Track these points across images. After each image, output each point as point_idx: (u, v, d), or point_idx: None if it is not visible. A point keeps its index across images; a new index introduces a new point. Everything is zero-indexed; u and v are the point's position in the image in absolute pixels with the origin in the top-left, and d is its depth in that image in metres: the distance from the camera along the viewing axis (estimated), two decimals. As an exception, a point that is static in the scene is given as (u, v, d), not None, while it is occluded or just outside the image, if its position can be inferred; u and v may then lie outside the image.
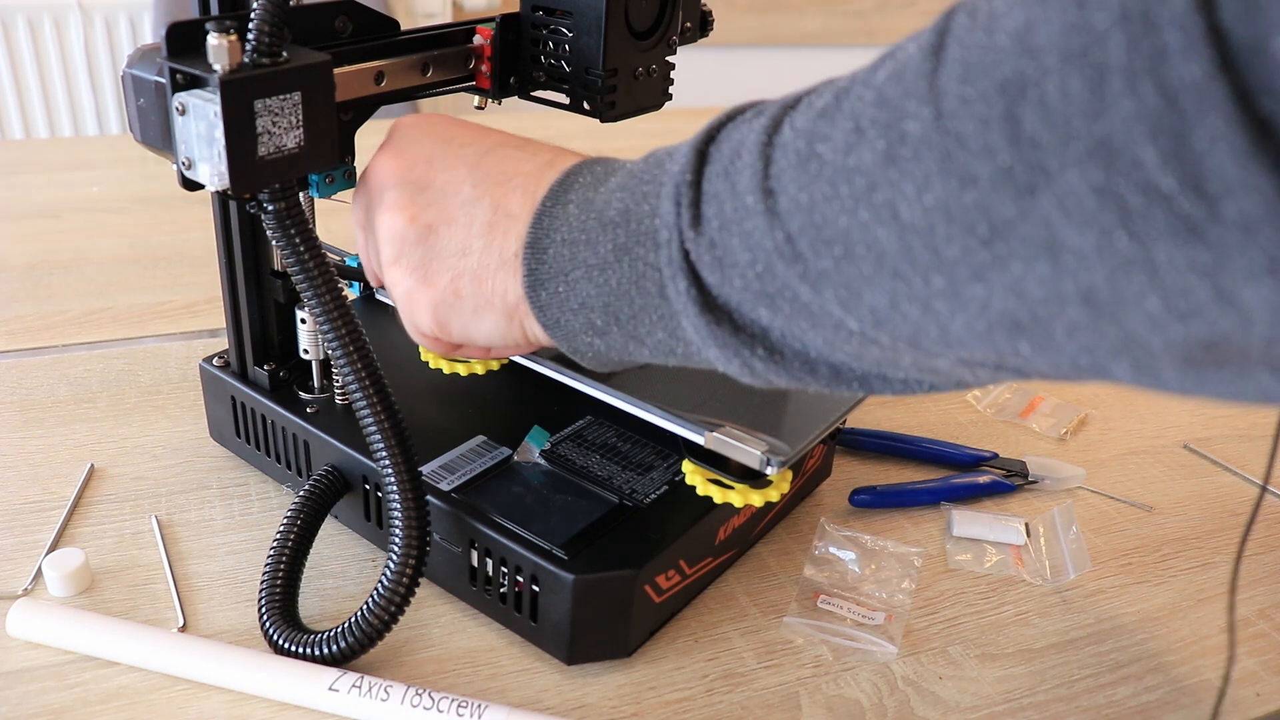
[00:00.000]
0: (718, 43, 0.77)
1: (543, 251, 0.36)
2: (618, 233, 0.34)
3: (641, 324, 0.34)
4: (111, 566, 0.51)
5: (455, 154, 0.40)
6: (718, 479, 0.46)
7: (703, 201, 0.32)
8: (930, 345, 0.28)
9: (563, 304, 0.36)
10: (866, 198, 0.27)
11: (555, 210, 0.36)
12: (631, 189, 0.34)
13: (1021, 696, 0.47)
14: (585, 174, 0.37)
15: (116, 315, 0.75)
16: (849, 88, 0.29)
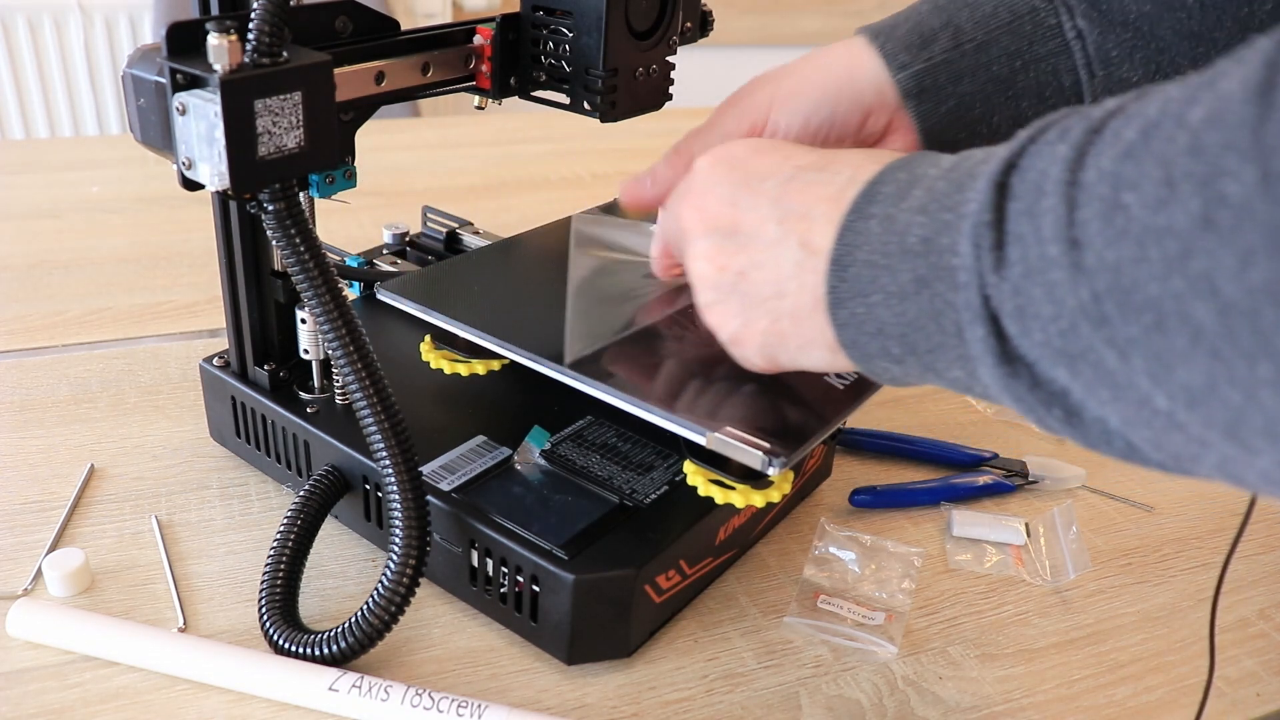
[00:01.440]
0: (718, 43, 0.76)
1: (844, 269, 0.35)
2: (917, 263, 0.32)
3: (939, 359, 0.33)
4: (111, 566, 0.51)
5: (756, 191, 0.39)
6: (719, 479, 0.46)
7: (1006, 243, 0.29)
8: (1251, 438, 0.25)
9: (860, 326, 0.35)
10: (1180, 265, 0.24)
11: (858, 225, 0.35)
12: (933, 214, 0.32)
13: (1021, 696, 0.47)
14: (889, 183, 0.35)
15: (116, 315, 0.75)
16: (1158, 122, 0.26)
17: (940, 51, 0.51)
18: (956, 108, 0.52)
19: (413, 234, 0.73)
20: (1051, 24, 0.51)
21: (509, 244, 0.63)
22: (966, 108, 0.52)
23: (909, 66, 0.51)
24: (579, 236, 0.59)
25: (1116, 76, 0.52)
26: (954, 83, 0.51)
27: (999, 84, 0.52)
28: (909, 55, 0.51)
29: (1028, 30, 0.51)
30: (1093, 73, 0.52)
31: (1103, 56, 0.51)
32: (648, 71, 0.56)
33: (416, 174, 1.06)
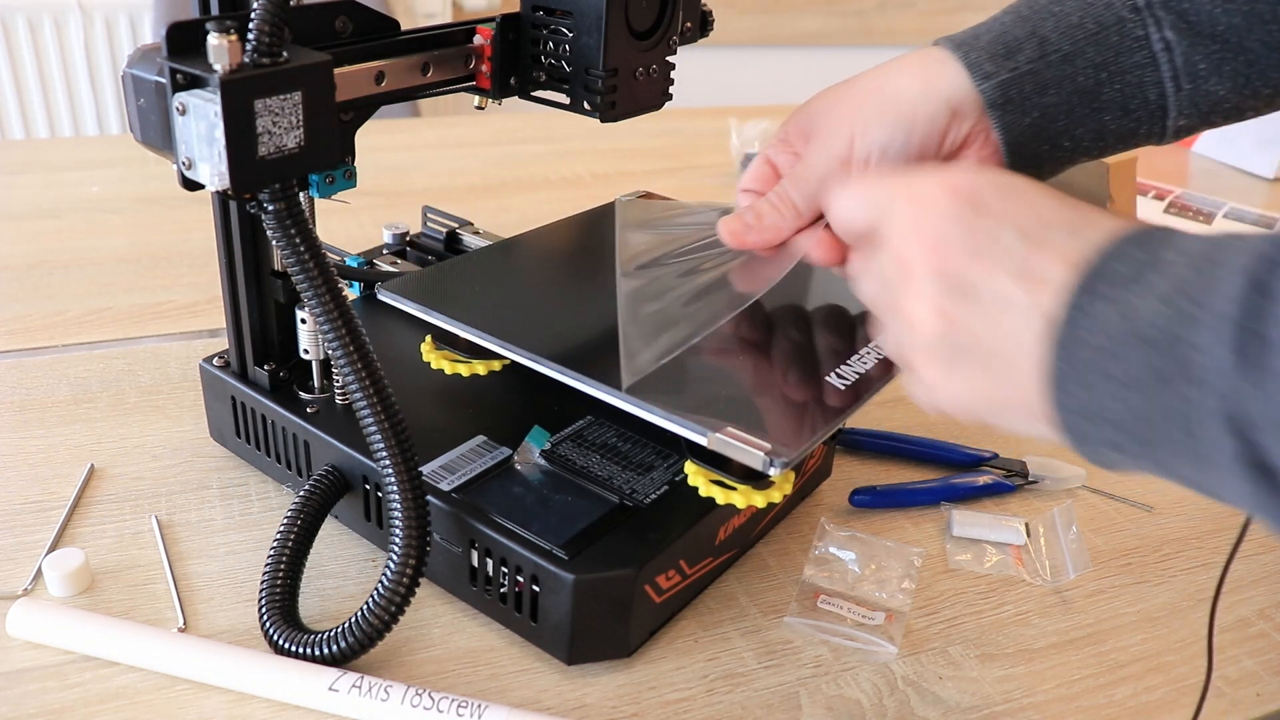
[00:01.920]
0: (718, 43, 0.77)
1: (1071, 351, 0.33)
2: (1152, 355, 0.30)
3: (1167, 455, 0.31)
4: (111, 566, 0.51)
5: (999, 243, 0.36)
6: (720, 480, 0.46)
7: (1269, 353, 0.27)
8: None
9: (1083, 412, 0.33)
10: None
11: (1089, 305, 0.33)
12: (1175, 304, 0.30)
13: (1021, 696, 0.47)
14: (1124, 260, 0.33)
15: (116, 315, 0.75)
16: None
17: (1025, 62, 0.50)
18: (1040, 119, 0.51)
19: (413, 234, 0.73)
20: (1139, 35, 0.50)
21: (510, 244, 0.63)
22: (1050, 119, 0.51)
23: (993, 76, 0.50)
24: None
25: (1203, 90, 0.51)
26: (1039, 93, 0.51)
27: (1084, 96, 0.51)
28: (993, 65, 0.50)
29: (1114, 41, 0.50)
30: (1179, 85, 0.51)
31: (1190, 69, 0.50)
32: (648, 71, 0.56)
33: (416, 174, 1.06)
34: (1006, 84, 0.50)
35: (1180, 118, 0.52)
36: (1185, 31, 0.50)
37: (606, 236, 0.66)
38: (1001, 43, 0.50)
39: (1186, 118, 0.52)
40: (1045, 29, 0.51)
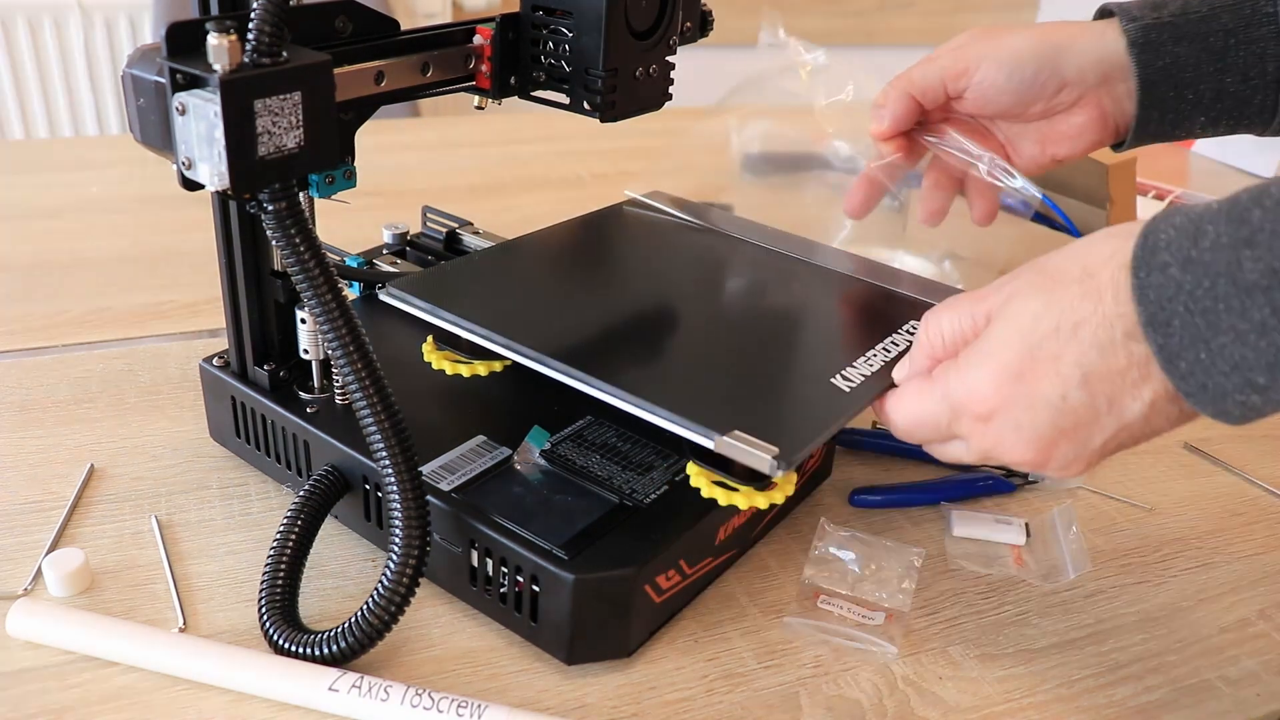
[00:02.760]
0: (718, 43, 0.77)
1: (1165, 326, 0.36)
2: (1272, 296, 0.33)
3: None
4: (111, 566, 0.51)
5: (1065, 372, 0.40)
6: (722, 481, 0.46)
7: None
8: None
9: (1209, 369, 0.35)
10: None
11: (1151, 283, 0.36)
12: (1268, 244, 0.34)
13: (1021, 696, 0.47)
14: (1164, 230, 0.37)
15: (116, 315, 0.75)
16: None
17: (1169, 15, 0.57)
18: (1172, 65, 0.58)
19: (413, 234, 0.73)
20: (1268, 11, 0.56)
21: (512, 244, 0.63)
22: (1180, 68, 0.58)
23: (1139, 20, 0.57)
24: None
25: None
26: (1174, 43, 0.57)
27: (1212, 55, 0.58)
28: (1140, 12, 0.58)
29: (1247, 13, 0.57)
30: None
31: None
32: (648, 71, 0.56)
33: (416, 174, 1.06)
34: (1148, 28, 0.57)
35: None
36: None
37: (609, 238, 0.66)
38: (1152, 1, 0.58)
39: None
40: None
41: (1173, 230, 0.36)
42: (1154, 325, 0.36)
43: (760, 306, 0.60)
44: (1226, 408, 0.36)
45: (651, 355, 0.51)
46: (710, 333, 0.54)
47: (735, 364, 0.51)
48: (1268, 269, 0.33)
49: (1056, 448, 0.41)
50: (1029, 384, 0.40)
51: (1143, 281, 0.36)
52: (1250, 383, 0.34)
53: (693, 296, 0.59)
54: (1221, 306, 0.34)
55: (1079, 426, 0.40)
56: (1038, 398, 0.40)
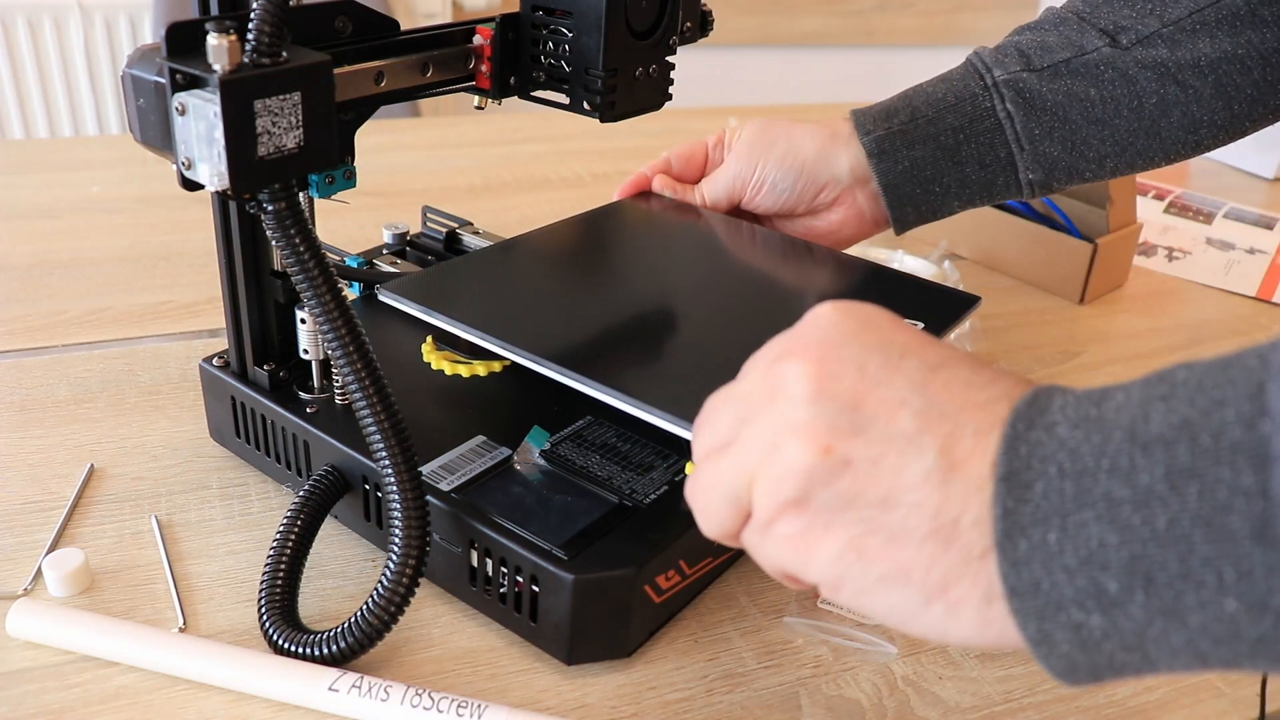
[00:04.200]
0: (718, 43, 0.77)
1: (1026, 487, 0.27)
2: (1174, 452, 0.25)
3: (1193, 588, 0.25)
4: (111, 566, 0.51)
5: (894, 366, 0.31)
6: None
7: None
8: None
9: (1052, 559, 0.26)
10: None
11: (1035, 435, 0.28)
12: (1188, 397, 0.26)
13: (1021, 696, 0.47)
14: (1061, 395, 0.29)
15: (116, 315, 0.75)
16: None
17: (899, 124, 0.66)
18: (911, 168, 0.66)
19: (413, 234, 0.73)
20: (987, 106, 0.65)
21: (510, 244, 0.63)
22: (919, 168, 0.66)
23: (873, 132, 0.66)
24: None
25: (1040, 150, 0.65)
26: (908, 147, 0.65)
27: (946, 151, 0.65)
28: (874, 125, 0.66)
29: (969, 110, 0.65)
30: (1021, 146, 0.65)
31: (1028, 134, 0.64)
32: (647, 71, 0.56)
33: (416, 174, 1.06)
34: (881, 139, 0.65)
35: (1028, 171, 0.66)
36: (1021, 105, 0.64)
37: (608, 237, 0.66)
38: (884, 111, 0.67)
39: (1033, 172, 0.66)
40: (917, 101, 0.66)
41: (1071, 396, 0.29)
42: (1010, 484, 0.27)
43: (760, 301, 0.60)
44: (1053, 629, 0.27)
45: (649, 354, 0.51)
46: (709, 330, 0.54)
47: (734, 362, 0.51)
48: (1180, 421, 0.26)
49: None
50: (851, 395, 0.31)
51: (1018, 434, 0.28)
52: (1097, 590, 0.26)
53: (690, 293, 0.59)
54: (1105, 465, 0.26)
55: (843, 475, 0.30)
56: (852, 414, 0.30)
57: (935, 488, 0.29)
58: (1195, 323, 0.86)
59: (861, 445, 0.30)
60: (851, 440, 0.30)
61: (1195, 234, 1.03)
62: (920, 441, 0.29)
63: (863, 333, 0.32)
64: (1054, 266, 0.86)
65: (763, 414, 0.32)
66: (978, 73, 0.65)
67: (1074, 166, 0.65)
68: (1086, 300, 0.86)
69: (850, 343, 0.32)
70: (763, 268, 0.64)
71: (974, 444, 0.29)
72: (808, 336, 0.33)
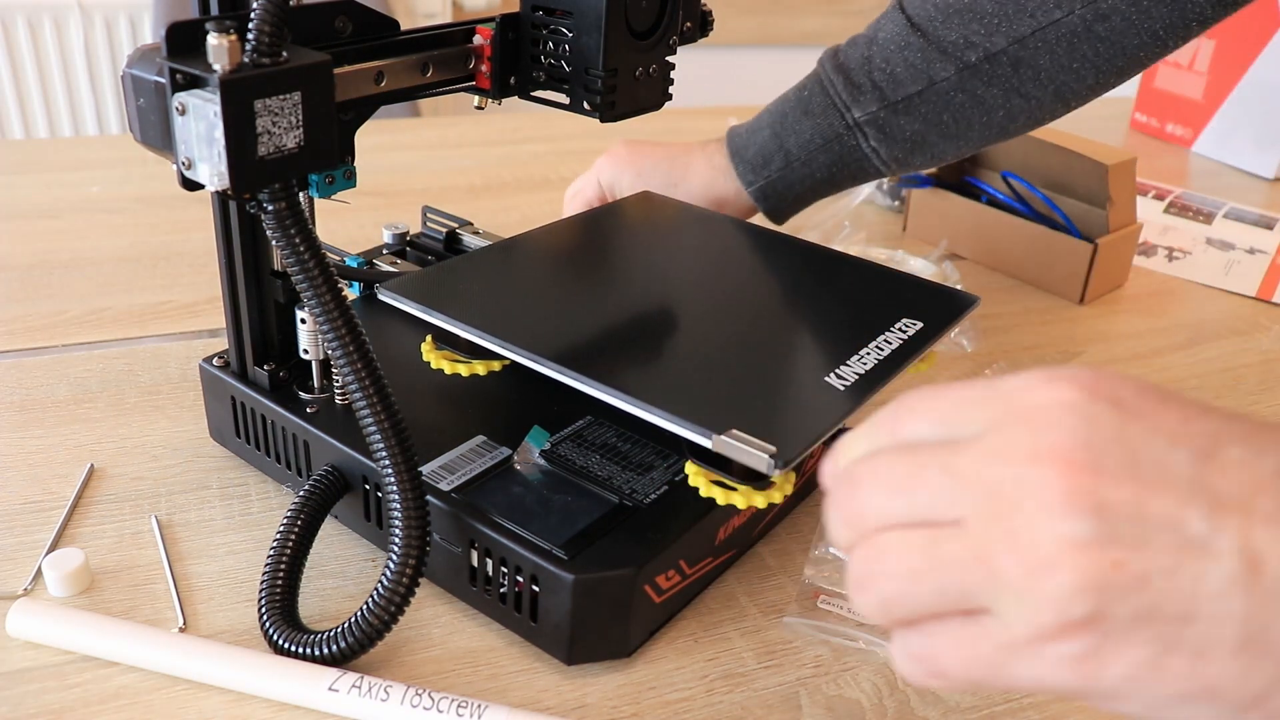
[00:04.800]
0: (718, 43, 0.77)
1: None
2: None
3: None
4: (111, 566, 0.51)
5: (1165, 460, 0.27)
6: (721, 480, 0.46)
7: None
8: None
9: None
10: None
11: None
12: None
13: (1021, 696, 0.47)
14: None
15: (116, 315, 0.75)
16: None
17: (775, 170, 0.74)
18: (795, 200, 0.76)
19: (413, 234, 0.73)
20: (852, 144, 0.72)
21: (510, 244, 0.63)
22: (801, 200, 0.76)
23: (754, 183, 0.75)
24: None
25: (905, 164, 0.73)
26: (789, 188, 0.75)
27: (824, 182, 0.74)
28: (754, 174, 0.75)
29: (837, 149, 0.72)
30: (889, 167, 0.73)
31: (894, 158, 0.72)
32: (647, 71, 0.56)
33: (416, 174, 1.06)
34: (764, 187, 0.75)
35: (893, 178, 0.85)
36: (883, 139, 0.71)
37: (608, 236, 0.66)
38: (761, 156, 0.74)
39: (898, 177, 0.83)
40: (789, 144, 0.73)
41: None
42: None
43: (759, 299, 0.60)
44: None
45: (648, 353, 0.51)
46: (708, 329, 0.54)
47: (734, 361, 0.51)
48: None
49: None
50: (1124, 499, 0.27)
51: None
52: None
53: (690, 292, 0.59)
54: None
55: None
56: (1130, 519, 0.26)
57: (1240, 594, 0.26)
58: (1195, 323, 0.86)
59: (1153, 556, 0.26)
60: (1140, 552, 0.26)
61: (1195, 234, 1.03)
62: (1216, 543, 0.26)
63: (1124, 422, 0.27)
64: (1054, 266, 0.86)
65: (1012, 516, 0.27)
66: (837, 110, 0.71)
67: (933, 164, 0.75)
68: (1086, 300, 0.86)
69: (1117, 441, 0.27)
70: (762, 267, 0.64)
71: (1272, 534, 0.26)
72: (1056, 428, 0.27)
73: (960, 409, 0.30)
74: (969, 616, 0.28)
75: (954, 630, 0.28)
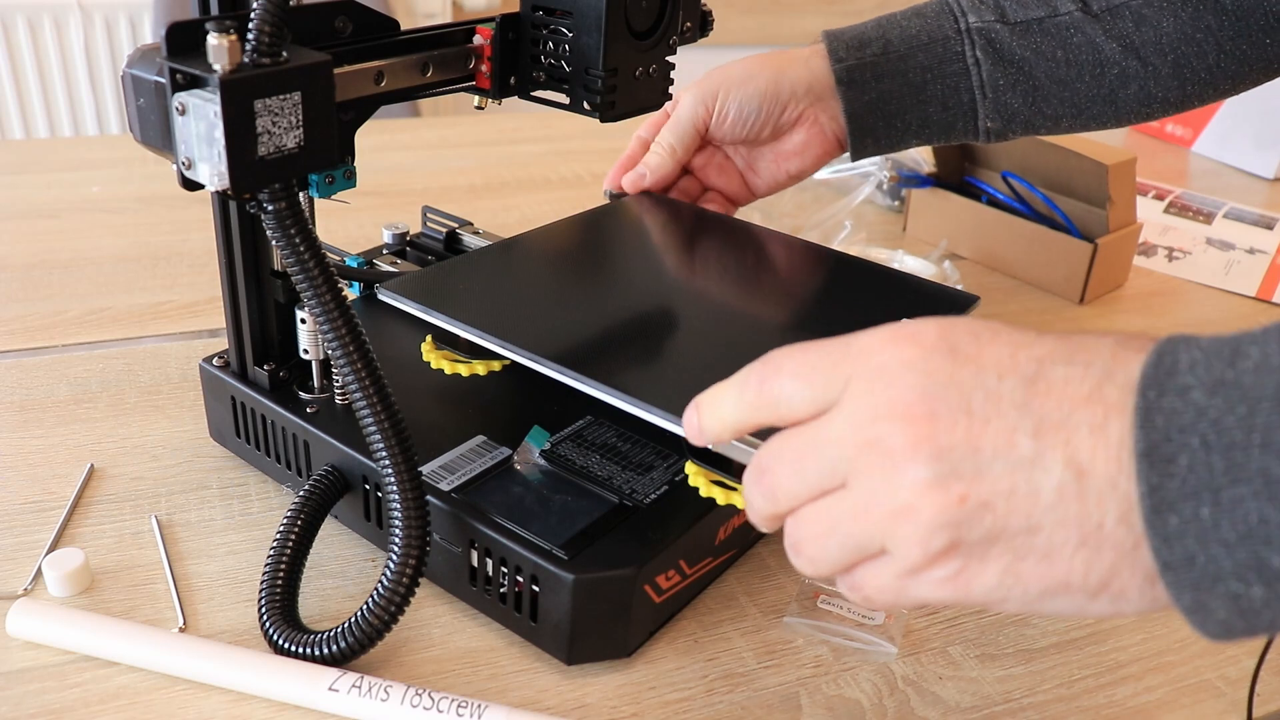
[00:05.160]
0: (718, 43, 0.77)
1: (1169, 461, 0.27)
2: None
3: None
4: (111, 566, 0.51)
5: (995, 394, 0.30)
6: (721, 480, 0.46)
7: None
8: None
9: (1207, 533, 0.26)
10: None
11: (1168, 402, 0.28)
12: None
13: (1021, 696, 0.47)
14: (1187, 350, 0.29)
15: (116, 315, 0.75)
16: None
17: (870, 55, 0.67)
18: (876, 99, 0.67)
19: (413, 234, 0.73)
20: (957, 50, 0.66)
21: (510, 244, 0.63)
22: (885, 101, 0.67)
23: (844, 61, 0.67)
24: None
25: (1002, 100, 0.67)
26: (877, 80, 0.67)
27: (913, 88, 0.67)
28: (845, 53, 0.67)
29: (939, 51, 0.66)
30: (984, 94, 0.67)
31: (993, 83, 0.67)
32: (647, 71, 0.57)
33: (416, 174, 1.06)
34: (852, 68, 0.67)
35: (987, 120, 0.68)
36: (990, 54, 0.66)
37: (608, 236, 0.66)
38: (858, 39, 0.67)
39: (993, 121, 0.68)
40: (892, 34, 0.67)
41: (1199, 351, 0.28)
42: (1152, 459, 0.27)
43: (759, 298, 0.60)
44: (1210, 600, 0.27)
45: (648, 353, 0.51)
46: (708, 329, 0.54)
47: (734, 361, 0.51)
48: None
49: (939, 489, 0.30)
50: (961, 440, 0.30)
51: (1151, 403, 0.28)
52: (1260, 564, 0.26)
53: (690, 292, 0.59)
54: (1257, 440, 0.26)
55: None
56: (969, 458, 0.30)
57: (1072, 500, 0.29)
58: (1195, 323, 0.86)
59: (991, 483, 0.30)
60: (981, 482, 0.30)
61: (1195, 234, 1.03)
62: (1044, 460, 0.29)
63: (955, 367, 0.31)
64: (1054, 266, 0.86)
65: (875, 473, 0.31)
66: (952, 14, 0.67)
67: (1031, 121, 0.68)
68: (1086, 300, 0.86)
69: (950, 386, 0.31)
70: (763, 267, 0.64)
71: (1094, 442, 0.29)
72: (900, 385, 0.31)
73: (821, 370, 0.33)
74: (875, 558, 0.32)
75: (868, 569, 0.33)
